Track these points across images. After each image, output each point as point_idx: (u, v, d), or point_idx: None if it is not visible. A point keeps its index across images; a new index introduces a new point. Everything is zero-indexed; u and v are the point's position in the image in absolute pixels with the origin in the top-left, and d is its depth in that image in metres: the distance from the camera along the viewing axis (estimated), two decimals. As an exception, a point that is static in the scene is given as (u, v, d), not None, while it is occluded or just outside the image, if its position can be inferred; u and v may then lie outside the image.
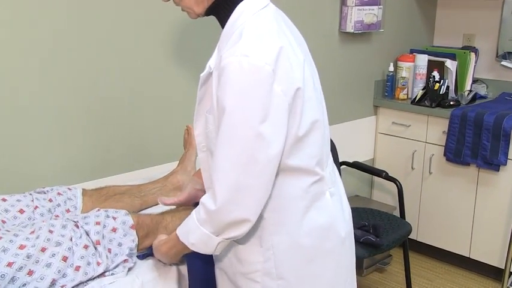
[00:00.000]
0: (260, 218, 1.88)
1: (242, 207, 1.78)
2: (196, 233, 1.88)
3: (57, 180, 2.82)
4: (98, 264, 2.05)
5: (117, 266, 2.13)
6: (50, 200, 2.40)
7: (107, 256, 2.09)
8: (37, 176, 2.78)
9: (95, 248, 2.08)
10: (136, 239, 2.19)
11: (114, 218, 2.21)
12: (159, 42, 3.20)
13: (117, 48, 3.02)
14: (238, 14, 1.86)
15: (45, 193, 2.43)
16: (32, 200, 2.35)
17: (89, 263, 2.03)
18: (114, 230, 2.17)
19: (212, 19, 2.01)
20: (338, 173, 2.20)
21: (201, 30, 3.34)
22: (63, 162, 2.89)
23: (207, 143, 1.93)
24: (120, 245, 2.15)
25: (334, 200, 2.02)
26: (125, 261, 2.15)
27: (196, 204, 2.03)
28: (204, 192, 2.14)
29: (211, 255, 2.12)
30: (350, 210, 2.21)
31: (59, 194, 2.46)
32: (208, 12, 1.94)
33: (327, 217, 1.98)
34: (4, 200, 2.29)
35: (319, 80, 2.05)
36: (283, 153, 1.80)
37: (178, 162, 2.91)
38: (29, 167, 2.77)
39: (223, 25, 1.91)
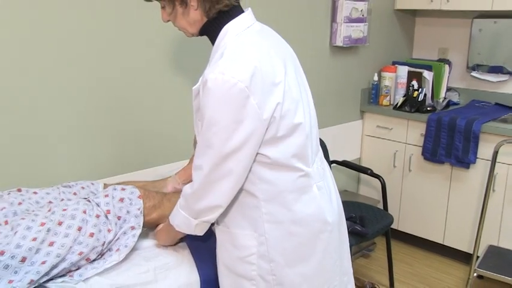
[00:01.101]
0: (254, 208, 1.94)
1: (213, 196, 1.86)
2: (179, 216, 1.99)
3: (81, 175, 2.83)
4: (109, 231, 2.09)
5: (125, 233, 2.16)
6: (75, 193, 2.42)
7: (115, 223, 2.13)
8: (64, 172, 2.79)
9: (106, 217, 2.12)
10: (142, 206, 2.23)
11: (123, 190, 2.25)
12: (172, 51, 3.19)
13: (135, 55, 3.01)
14: (223, 35, 1.90)
15: (70, 187, 2.46)
16: (59, 193, 2.38)
17: (100, 230, 2.06)
18: (121, 200, 2.21)
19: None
20: (328, 169, 2.22)
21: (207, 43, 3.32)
22: (88, 160, 2.90)
23: None
24: (128, 212, 2.19)
25: (321, 193, 2.04)
26: (132, 228, 2.18)
27: None
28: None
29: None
30: (340, 202, 2.21)
31: (82, 188, 2.49)
32: (201, 32, 1.98)
33: (314, 208, 1.99)
34: (35, 193, 2.32)
35: (308, 88, 2.09)
36: (263, 148, 1.85)
37: (188, 160, 2.90)
38: (57, 164, 2.77)
39: (213, 44, 1.97)
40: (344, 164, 4.25)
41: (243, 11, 1.94)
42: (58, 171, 2.77)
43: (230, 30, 1.89)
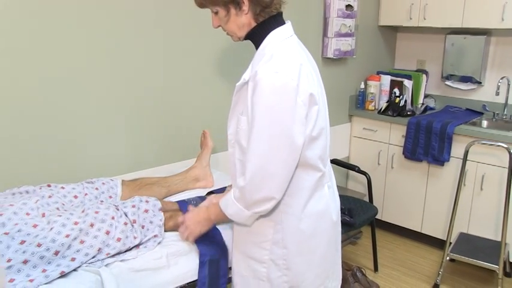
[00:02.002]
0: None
1: (267, 188, 1.80)
2: (232, 207, 1.91)
3: (102, 172, 2.88)
4: (134, 238, 2.13)
5: (148, 240, 2.19)
6: (97, 189, 2.48)
7: (140, 231, 2.17)
8: (87, 169, 2.82)
9: (132, 226, 2.16)
10: (163, 218, 2.27)
11: (147, 202, 2.29)
12: (208, 59, 3.20)
13: (164, 62, 3.03)
14: (269, 40, 1.88)
15: (92, 183, 2.51)
16: (83, 188, 2.43)
17: (127, 236, 2.10)
18: (146, 211, 2.25)
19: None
20: (332, 170, 2.21)
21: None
22: (107, 158, 2.91)
23: (236, 139, 1.92)
24: (151, 222, 2.23)
25: (330, 192, 2.05)
26: (155, 236, 2.21)
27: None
28: None
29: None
30: (339, 200, 2.20)
31: (103, 183, 2.53)
32: (247, 37, 1.95)
33: (323, 205, 2.00)
34: (63, 188, 2.38)
35: (325, 97, 2.04)
36: (303, 148, 1.83)
37: (196, 159, 2.94)
38: (81, 162, 2.79)
39: (257, 47, 1.93)
40: (334, 162, 4.25)
41: (284, 22, 1.94)
42: (84, 168, 2.79)
43: (276, 36, 1.89)
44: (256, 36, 1.92)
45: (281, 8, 1.93)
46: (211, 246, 2.24)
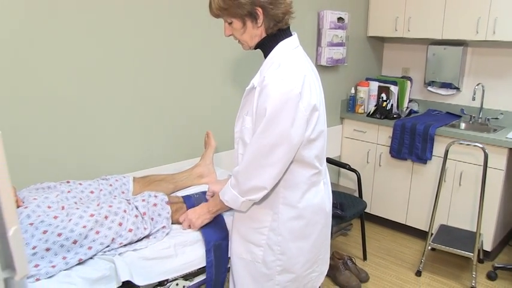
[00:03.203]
0: (274, 192, 1.95)
1: (259, 177, 1.85)
2: (228, 194, 1.96)
3: (115, 169, 2.90)
4: (145, 229, 2.16)
5: (157, 230, 2.22)
6: (111, 185, 2.50)
7: (150, 223, 2.20)
8: (102, 167, 2.84)
9: (142, 218, 2.18)
10: (170, 211, 2.29)
11: (156, 197, 2.31)
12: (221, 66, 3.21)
13: (174, 67, 3.03)
14: (278, 50, 1.91)
15: (107, 179, 2.53)
16: (99, 185, 2.46)
17: (138, 227, 2.13)
18: (155, 205, 2.27)
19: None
20: (327, 169, 2.23)
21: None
22: (120, 157, 2.92)
23: (240, 136, 1.96)
24: (159, 215, 2.25)
25: (325, 188, 2.09)
26: (163, 227, 2.24)
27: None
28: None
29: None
30: (331, 195, 2.24)
31: (116, 180, 2.55)
32: (257, 46, 1.96)
33: (319, 199, 2.03)
34: (80, 184, 2.41)
35: (324, 102, 2.06)
36: (300, 148, 1.87)
37: (200, 157, 2.96)
38: (97, 161, 2.81)
39: (266, 56, 1.95)
40: (327, 160, 4.10)
41: (291, 34, 1.98)
42: (99, 166, 2.81)
43: (284, 47, 1.92)
44: (266, 46, 1.94)
45: (288, 22, 1.97)
46: (215, 232, 2.28)
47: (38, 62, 2.42)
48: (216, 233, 2.28)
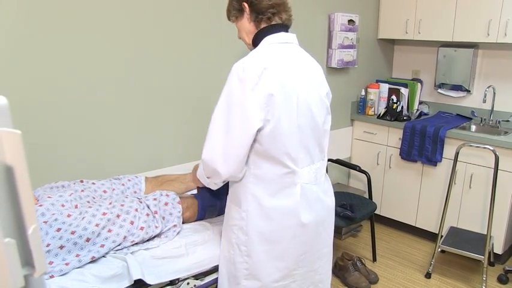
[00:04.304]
0: (244, 187, 1.94)
1: (216, 162, 1.84)
2: (201, 173, 1.99)
3: (127, 169, 2.92)
4: (156, 227, 2.18)
5: (168, 229, 2.23)
6: (123, 184, 2.52)
7: (161, 222, 2.21)
8: (114, 167, 2.86)
9: (154, 216, 2.20)
10: (181, 210, 2.31)
11: (167, 196, 2.33)
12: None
13: (190, 69, 3.04)
14: (262, 42, 1.94)
15: (119, 179, 2.55)
16: (111, 184, 2.48)
17: (149, 226, 2.15)
18: (166, 204, 2.29)
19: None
20: (327, 182, 2.16)
21: None
22: (132, 157, 2.94)
23: None
24: (171, 214, 2.27)
25: (303, 193, 1.97)
26: (174, 226, 2.26)
27: None
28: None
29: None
30: (329, 206, 2.14)
31: (128, 180, 2.58)
32: (253, 43, 2.00)
33: (291, 202, 1.95)
34: (94, 183, 2.43)
35: (317, 99, 2.02)
36: (263, 140, 1.84)
37: None
38: (109, 161, 2.83)
39: None
40: (337, 162, 4.27)
41: (286, 31, 1.98)
42: (112, 166, 2.84)
43: (268, 40, 1.94)
44: (257, 40, 1.98)
45: (282, 20, 1.97)
46: (206, 198, 2.43)
47: (53, 64, 2.45)
48: (207, 199, 2.44)
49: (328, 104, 2.13)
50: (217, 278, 2.23)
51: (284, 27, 1.99)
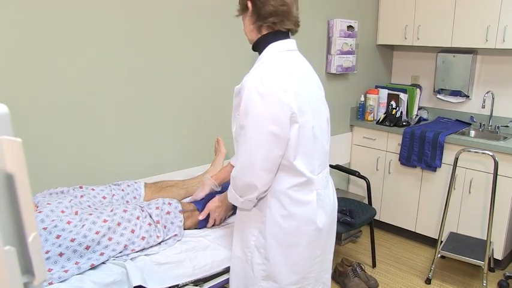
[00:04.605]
0: (264, 195, 1.95)
1: (250, 176, 1.86)
2: (230, 193, 2.01)
3: (127, 175, 2.91)
4: (157, 237, 2.18)
5: (169, 238, 2.24)
6: (122, 190, 2.52)
7: (163, 231, 2.22)
8: (113, 172, 2.85)
9: (156, 226, 2.20)
10: (183, 220, 2.32)
11: (169, 204, 2.33)
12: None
13: (188, 77, 3.04)
14: (267, 50, 1.93)
15: (119, 185, 2.56)
16: (111, 190, 2.48)
17: (151, 236, 2.15)
18: (168, 212, 2.29)
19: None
20: (332, 185, 2.19)
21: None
22: (132, 163, 2.94)
23: (235, 136, 1.99)
24: (172, 223, 2.27)
25: (319, 199, 2.01)
26: (175, 235, 2.26)
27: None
28: (217, 191, 2.39)
29: None
30: (336, 208, 2.19)
31: (128, 185, 2.58)
32: (253, 48, 2.01)
33: (308, 209, 1.97)
34: (93, 189, 2.43)
35: (322, 105, 2.06)
36: (286, 152, 1.86)
37: (210, 163, 2.98)
38: (108, 166, 2.83)
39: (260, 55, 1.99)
40: (337, 167, 4.27)
41: (289, 37, 1.98)
42: (111, 170, 2.83)
43: (274, 48, 1.93)
44: (259, 47, 1.98)
45: (285, 28, 1.95)
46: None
47: (52, 71, 2.45)
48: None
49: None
50: (216, 284, 2.24)
51: (287, 34, 1.99)
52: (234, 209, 2.48)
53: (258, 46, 1.98)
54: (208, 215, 2.41)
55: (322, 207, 2.04)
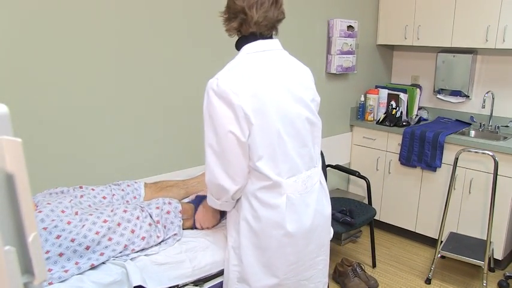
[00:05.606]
0: (240, 195, 1.98)
1: (218, 177, 1.90)
2: (209, 197, 2.06)
3: (127, 175, 2.91)
4: (158, 237, 2.18)
5: (169, 238, 2.23)
6: (122, 190, 2.52)
7: (163, 231, 2.21)
8: (113, 172, 2.85)
9: (156, 226, 2.20)
10: (182, 220, 2.32)
11: (170, 204, 2.33)
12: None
13: (187, 77, 3.03)
14: (241, 52, 1.96)
15: (119, 185, 2.55)
16: (111, 190, 2.47)
17: (151, 236, 2.15)
18: (168, 212, 2.29)
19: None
20: (323, 185, 2.17)
21: None
22: (132, 163, 2.94)
23: None
24: (172, 223, 2.27)
25: (290, 204, 1.98)
26: (175, 234, 2.26)
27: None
28: None
29: None
30: (323, 214, 2.14)
31: (128, 185, 2.58)
32: (236, 48, 2.02)
33: (276, 213, 1.96)
34: (93, 189, 2.43)
35: (299, 106, 1.98)
36: (250, 154, 1.87)
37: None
38: (108, 166, 2.83)
39: None
40: (337, 167, 4.26)
41: (265, 38, 1.96)
42: (111, 171, 2.83)
43: (248, 49, 1.94)
44: (238, 47, 2.01)
45: (249, 31, 1.95)
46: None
47: (50, 71, 2.45)
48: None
49: (315, 108, 2.10)
50: (216, 284, 2.24)
51: (260, 36, 1.97)
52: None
53: (237, 47, 2.01)
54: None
55: (295, 212, 2.00)
